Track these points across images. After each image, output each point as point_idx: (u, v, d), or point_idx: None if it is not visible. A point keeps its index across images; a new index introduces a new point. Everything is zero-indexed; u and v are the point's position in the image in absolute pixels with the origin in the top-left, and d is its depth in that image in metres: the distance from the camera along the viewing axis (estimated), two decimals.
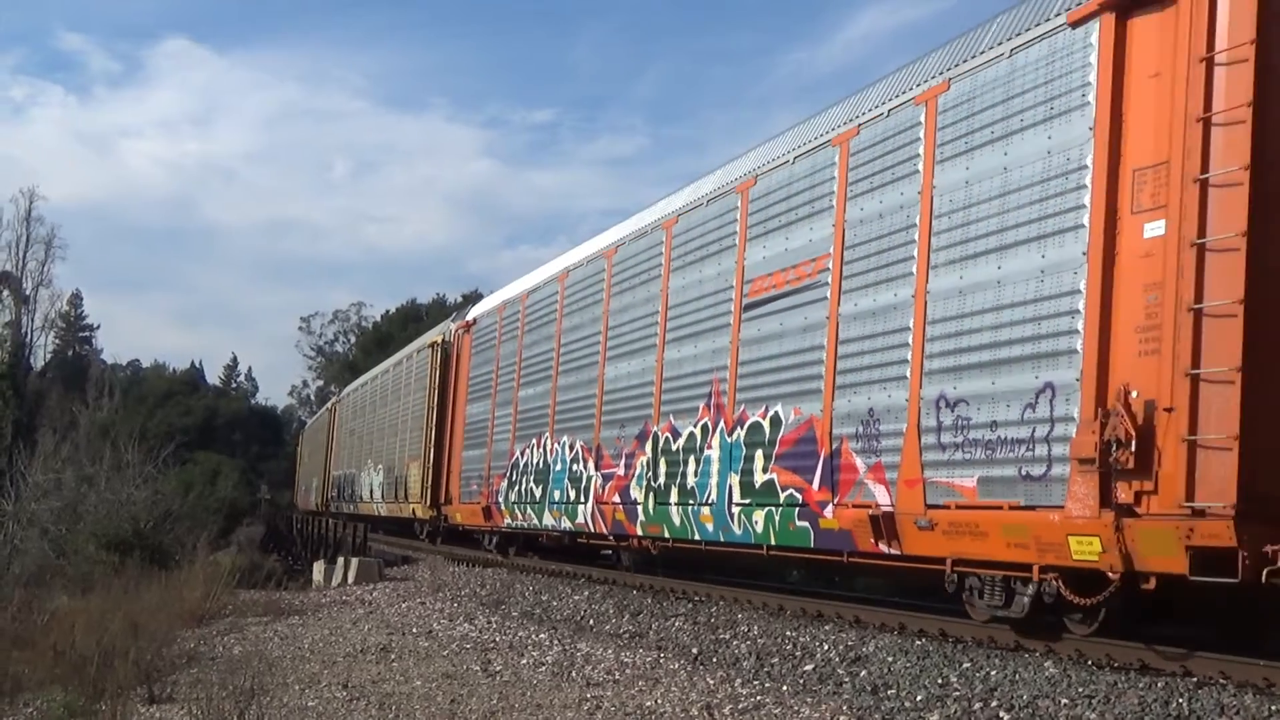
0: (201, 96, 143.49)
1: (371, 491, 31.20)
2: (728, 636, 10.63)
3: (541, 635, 11.96)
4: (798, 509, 10.49)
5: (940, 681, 7.98)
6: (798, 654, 9.51)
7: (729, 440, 11.83)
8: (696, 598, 13.06)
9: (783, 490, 10.77)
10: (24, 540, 23.36)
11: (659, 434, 13.41)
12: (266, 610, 16.36)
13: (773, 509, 10.92)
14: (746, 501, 11.39)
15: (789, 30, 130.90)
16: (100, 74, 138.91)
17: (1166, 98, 7.13)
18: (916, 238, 9.24)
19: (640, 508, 13.70)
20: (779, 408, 11.00)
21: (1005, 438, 8.13)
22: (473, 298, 56.11)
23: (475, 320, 21.96)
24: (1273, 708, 6.50)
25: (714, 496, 12.00)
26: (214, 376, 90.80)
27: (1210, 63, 6.80)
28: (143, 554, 20.39)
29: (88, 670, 10.40)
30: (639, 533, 13.91)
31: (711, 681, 8.95)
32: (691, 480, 12.53)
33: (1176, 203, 6.93)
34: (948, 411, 8.71)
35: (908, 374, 9.17)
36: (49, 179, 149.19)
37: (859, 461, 9.70)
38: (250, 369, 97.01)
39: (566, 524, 16.13)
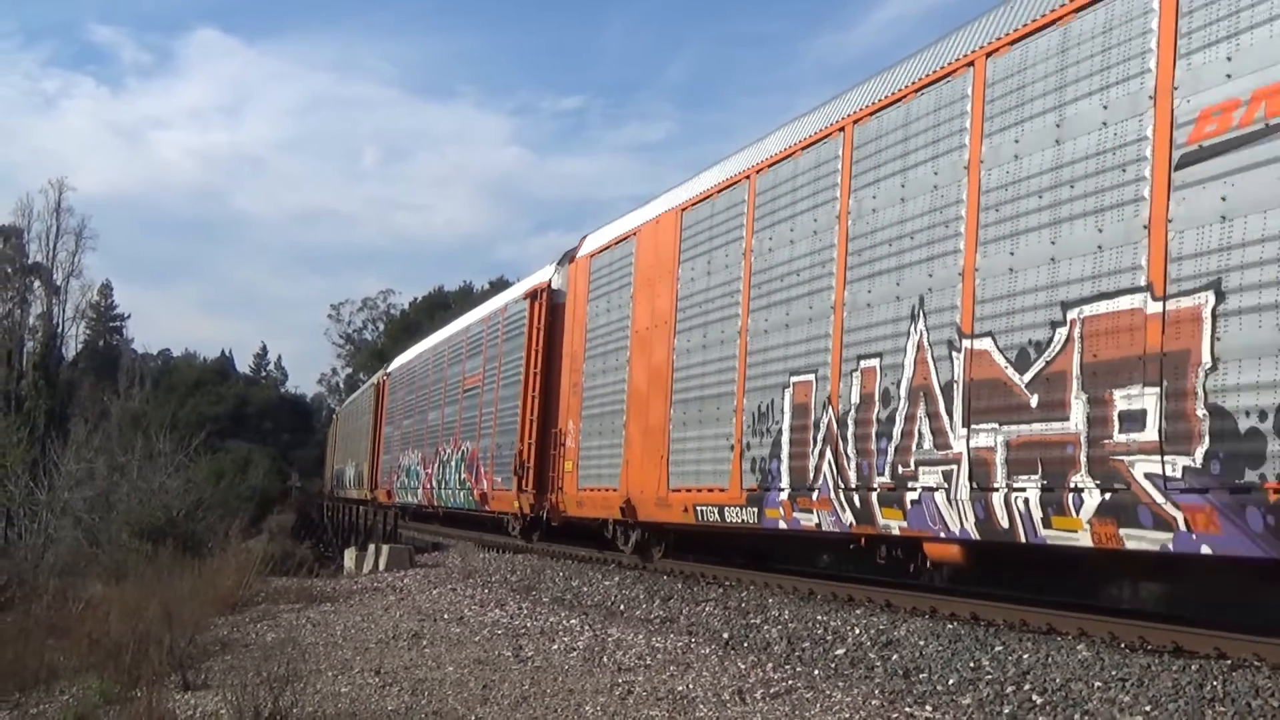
0: (232, 86, 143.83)
1: (350, 481, 43.72)
2: (758, 621, 10.71)
3: (572, 621, 12.06)
4: (471, 491, 22.61)
5: (972, 665, 8.04)
6: (829, 638, 9.53)
7: (456, 457, 23.99)
8: (727, 583, 13.19)
9: (467, 482, 22.91)
10: (58, 529, 23.61)
11: (441, 451, 25.59)
12: (299, 597, 16.71)
13: (465, 491, 23.09)
14: (459, 488, 23.55)
15: (819, 14, 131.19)
16: (131, 65, 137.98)
17: (538, 340, 19.09)
18: (495, 378, 21.31)
19: (435, 491, 25.93)
20: (469, 443, 23.12)
21: (507, 461, 20.13)
22: (499, 284, 58.25)
23: (391, 373, 34.49)
24: None
25: (453, 484, 24.19)
26: (244, 365, 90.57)
27: (534, 329, 18.79)
28: (175, 542, 20.54)
29: (123, 658, 10.50)
30: (435, 503, 26.17)
31: (743, 666, 8.94)
32: (448, 476, 24.70)
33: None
34: (499, 450, 20.77)
35: (491, 432, 21.26)
36: (80, 170, 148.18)
37: (483, 470, 21.79)
38: (280, 357, 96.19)
39: (414, 500, 28.47)
